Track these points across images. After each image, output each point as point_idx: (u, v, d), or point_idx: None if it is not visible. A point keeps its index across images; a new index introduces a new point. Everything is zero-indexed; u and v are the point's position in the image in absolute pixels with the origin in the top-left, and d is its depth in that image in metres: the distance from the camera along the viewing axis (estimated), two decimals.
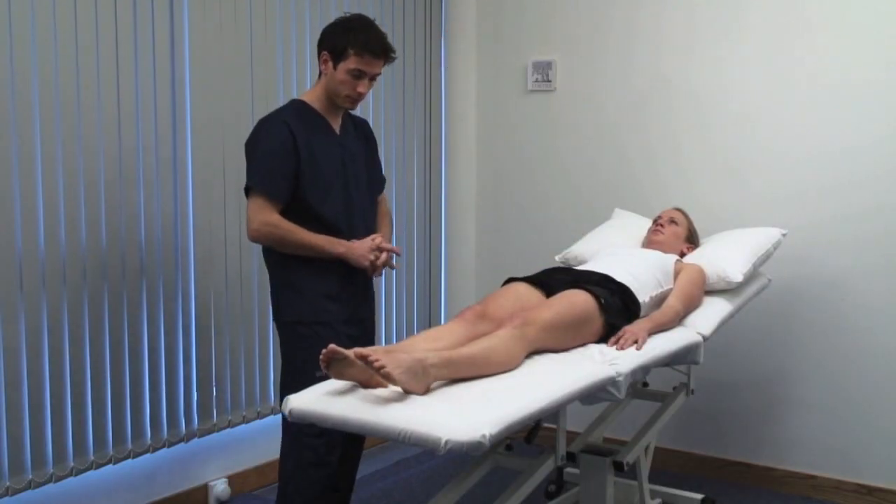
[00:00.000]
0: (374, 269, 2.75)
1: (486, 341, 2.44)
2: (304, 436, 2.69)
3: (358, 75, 2.67)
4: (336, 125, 2.79)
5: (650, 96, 3.86)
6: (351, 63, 2.64)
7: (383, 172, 3.06)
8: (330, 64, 2.67)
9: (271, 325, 3.48)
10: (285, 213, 2.66)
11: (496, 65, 4.25)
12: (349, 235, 2.75)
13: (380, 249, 2.74)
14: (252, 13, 3.32)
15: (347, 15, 2.73)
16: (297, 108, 2.73)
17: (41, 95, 2.73)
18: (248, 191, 2.67)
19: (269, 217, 2.62)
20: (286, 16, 3.45)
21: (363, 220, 2.83)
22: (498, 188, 4.31)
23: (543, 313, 2.60)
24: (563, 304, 2.66)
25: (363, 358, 2.12)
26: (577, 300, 2.68)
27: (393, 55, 2.71)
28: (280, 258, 2.73)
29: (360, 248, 2.72)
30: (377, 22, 2.74)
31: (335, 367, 2.18)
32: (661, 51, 3.82)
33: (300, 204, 2.68)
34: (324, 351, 2.15)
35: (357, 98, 2.73)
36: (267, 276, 3.43)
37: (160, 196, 3.08)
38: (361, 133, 2.92)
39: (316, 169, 2.69)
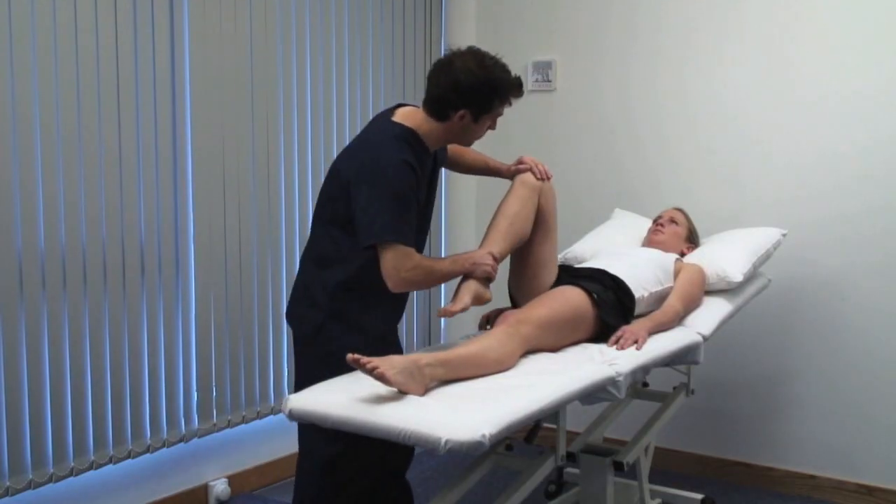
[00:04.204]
0: (491, 276, 2.58)
1: (481, 340, 2.45)
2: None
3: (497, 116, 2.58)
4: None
5: (650, 96, 3.86)
6: (497, 112, 2.55)
7: None
8: (468, 119, 2.49)
9: (271, 324, 3.49)
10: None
11: None
12: None
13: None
14: (252, 13, 3.32)
15: (458, 53, 2.49)
16: (412, 145, 2.49)
17: (41, 95, 2.73)
18: (381, 241, 2.41)
19: (410, 261, 2.43)
20: (286, 16, 3.45)
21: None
22: (498, 188, 4.30)
23: (537, 311, 2.62)
24: (556, 300, 2.68)
25: (356, 361, 2.13)
26: (569, 296, 2.69)
27: None
28: (335, 290, 2.52)
29: (480, 261, 2.56)
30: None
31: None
32: (660, 51, 3.82)
33: None
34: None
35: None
36: (267, 276, 3.45)
37: (160, 196, 3.08)
38: (439, 155, 2.73)
39: (418, 219, 2.57)
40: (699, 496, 3.36)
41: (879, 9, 3.36)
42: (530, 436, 2.91)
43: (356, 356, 2.13)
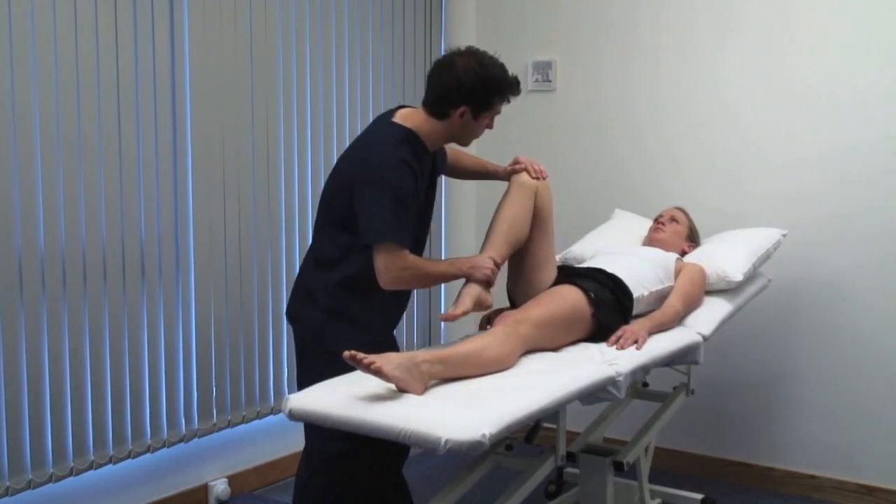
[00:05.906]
0: (491, 280, 2.62)
1: (479, 339, 2.45)
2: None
3: (495, 115, 2.62)
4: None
5: (650, 96, 3.86)
6: (495, 111, 2.59)
7: None
8: (468, 116, 2.53)
9: (271, 324, 3.49)
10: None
11: None
12: None
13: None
14: (252, 13, 3.32)
15: (458, 53, 2.53)
16: (412, 146, 2.53)
17: (41, 96, 2.73)
18: (377, 241, 2.46)
19: (402, 261, 2.46)
20: (286, 16, 3.45)
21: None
22: (498, 188, 4.30)
23: (534, 310, 2.62)
24: (553, 299, 2.68)
25: (353, 358, 2.14)
26: (566, 295, 2.70)
27: None
28: (336, 289, 2.56)
29: (479, 264, 2.60)
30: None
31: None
32: (660, 51, 3.82)
33: None
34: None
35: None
36: (267, 276, 3.46)
37: (160, 196, 3.08)
38: (439, 161, 2.75)
39: (416, 220, 2.60)
40: (699, 496, 3.36)
41: (879, 9, 3.36)
42: (530, 436, 2.91)
43: (353, 353, 2.14)
